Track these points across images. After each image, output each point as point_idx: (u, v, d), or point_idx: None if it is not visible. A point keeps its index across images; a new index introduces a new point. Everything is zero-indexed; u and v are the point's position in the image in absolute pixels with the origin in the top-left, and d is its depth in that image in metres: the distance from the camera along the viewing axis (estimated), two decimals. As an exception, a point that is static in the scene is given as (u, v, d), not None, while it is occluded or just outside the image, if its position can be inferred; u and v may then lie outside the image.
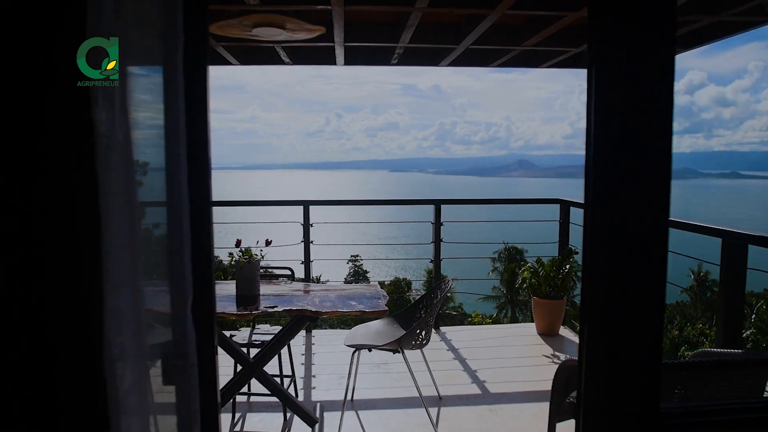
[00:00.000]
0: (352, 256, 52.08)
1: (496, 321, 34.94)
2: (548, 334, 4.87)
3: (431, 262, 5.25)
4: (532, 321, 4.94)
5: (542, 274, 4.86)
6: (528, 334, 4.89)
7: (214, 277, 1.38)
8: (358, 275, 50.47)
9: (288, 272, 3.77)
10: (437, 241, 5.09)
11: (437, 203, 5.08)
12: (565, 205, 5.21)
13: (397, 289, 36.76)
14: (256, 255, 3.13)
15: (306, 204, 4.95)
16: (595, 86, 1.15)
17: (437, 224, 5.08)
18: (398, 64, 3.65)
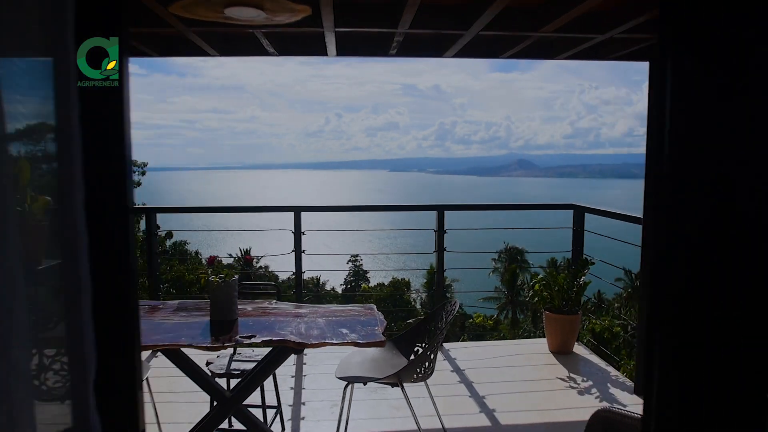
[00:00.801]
0: (352, 256, 51.84)
1: (497, 322, 34.59)
2: (561, 351, 4.46)
3: (434, 272, 4.85)
4: (534, 321, 4.55)
5: (555, 287, 4.45)
6: (539, 352, 4.49)
7: (137, 329, 0.96)
8: (357, 275, 50.22)
9: (273, 290, 3.37)
10: (440, 250, 4.68)
11: (440, 209, 4.67)
12: (579, 211, 4.80)
13: (396, 290, 36.36)
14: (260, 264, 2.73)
15: (297, 210, 4.54)
16: (672, 75, 0.79)
17: (440, 231, 4.68)
18: (398, 54, 3.24)
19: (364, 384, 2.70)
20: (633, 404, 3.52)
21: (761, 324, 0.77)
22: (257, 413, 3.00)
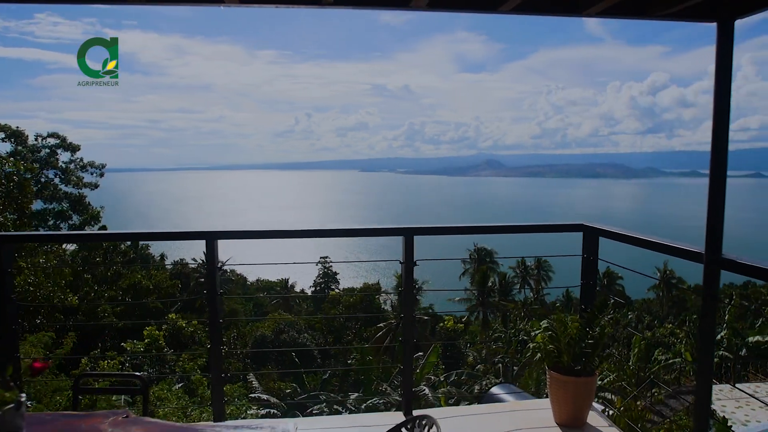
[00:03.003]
0: (321, 257, 50.30)
1: (467, 324, 33.62)
2: (571, 425, 3.32)
3: (400, 318, 3.64)
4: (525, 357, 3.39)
5: (565, 339, 3.29)
6: (543, 425, 3.33)
7: None
8: (327, 277, 48.73)
9: (138, 385, 2.10)
10: (408, 289, 3.45)
11: (408, 233, 3.42)
12: (592, 234, 3.65)
13: (366, 296, 35.06)
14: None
15: (211, 237, 3.25)
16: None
17: (408, 263, 3.44)
18: (338, 2, 2.03)
19: None
20: None
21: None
22: None
